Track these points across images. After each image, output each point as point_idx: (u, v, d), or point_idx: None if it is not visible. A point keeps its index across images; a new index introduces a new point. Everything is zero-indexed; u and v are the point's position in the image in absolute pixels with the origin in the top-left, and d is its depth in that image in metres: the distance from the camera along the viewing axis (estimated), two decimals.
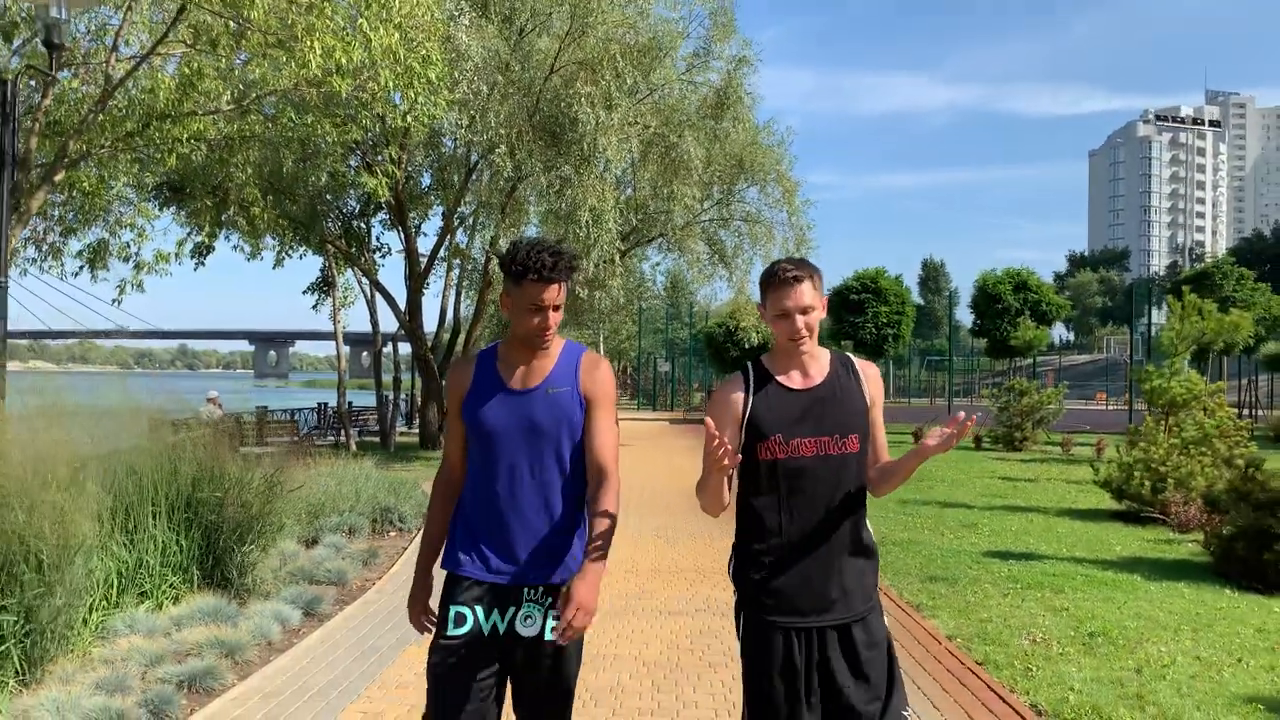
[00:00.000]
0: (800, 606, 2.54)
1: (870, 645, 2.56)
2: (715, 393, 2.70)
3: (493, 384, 2.64)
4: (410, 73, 11.90)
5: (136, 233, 14.41)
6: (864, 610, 2.58)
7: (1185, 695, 4.95)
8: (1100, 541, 9.82)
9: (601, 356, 2.76)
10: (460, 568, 2.61)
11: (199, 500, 6.66)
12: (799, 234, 19.34)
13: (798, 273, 2.57)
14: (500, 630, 2.56)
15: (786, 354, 2.63)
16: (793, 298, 2.55)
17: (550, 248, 2.54)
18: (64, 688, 4.77)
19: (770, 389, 2.62)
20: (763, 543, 2.59)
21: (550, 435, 2.60)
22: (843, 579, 2.56)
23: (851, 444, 2.59)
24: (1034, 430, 21.11)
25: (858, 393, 2.65)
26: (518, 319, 2.58)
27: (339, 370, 24.34)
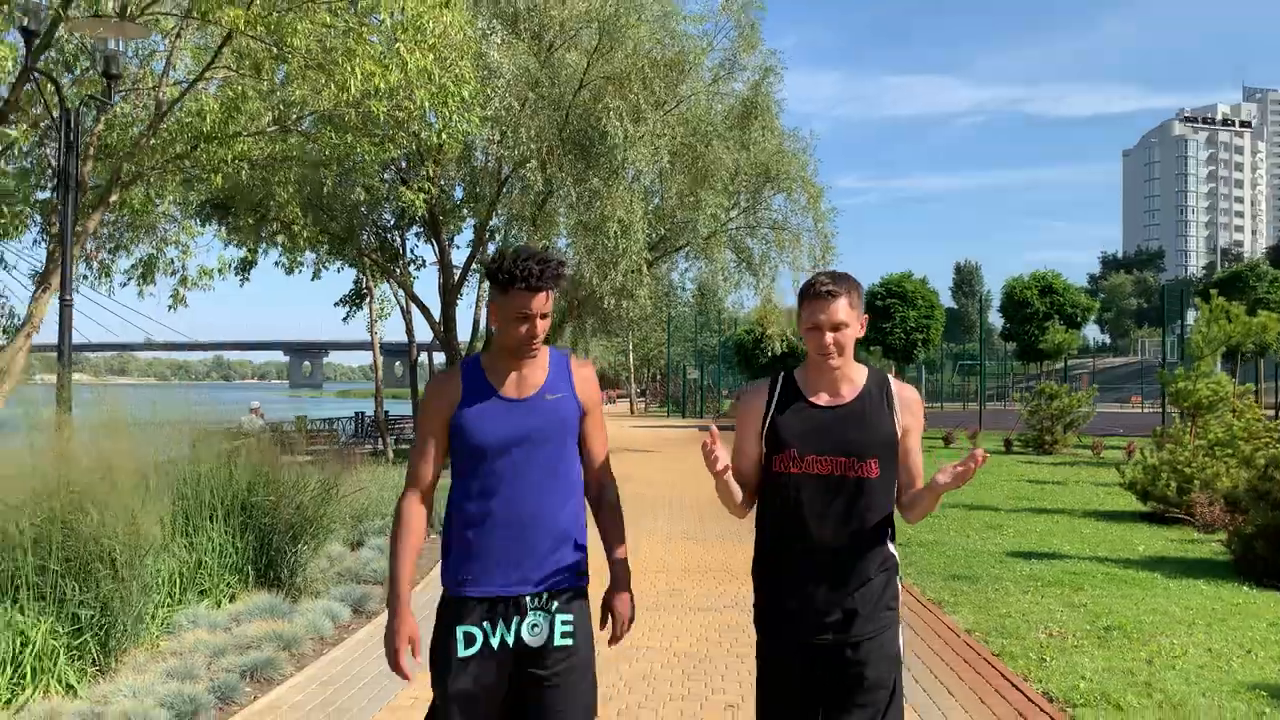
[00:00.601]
0: (805, 622, 2.54)
1: (870, 669, 2.53)
2: (741, 399, 2.74)
3: (486, 394, 2.57)
4: (444, 91, 12.31)
5: (181, 249, 14.95)
6: (870, 632, 2.54)
7: (1192, 684, 5.18)
8: (1124, 541, 9.99)
9: (585, 360, 2.78)
10: (465, 587, 2.54)
11: (253, 504, 7.07)
12: (824, 241, 19.60)
13: (834, 288, 2.52)
14: (509, 643, 2.52)
15: (817, 368, 2.60)
16: (826, 312, 2.51)
17: (537, 256, 2.51)
18: (137, 675, 5.16)
19: (793, 402, 2.60)
20: (774, 554, 2.61)
21: (551, 442, 2.58)
22: (849, 600, 2.53)
23: (870, 469, 2.53)
24: (1064, 434, 21.16)
25: (887, 416, 2.58)
26: (505, 328, 2.54)
27: (376, 380, 24.89)
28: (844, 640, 2.53)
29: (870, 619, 2.54)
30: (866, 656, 2.53)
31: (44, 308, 10.53)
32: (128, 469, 5.83)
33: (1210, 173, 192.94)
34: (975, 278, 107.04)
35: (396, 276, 22.01)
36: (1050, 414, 20.91)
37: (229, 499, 6.92)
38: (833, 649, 2.53)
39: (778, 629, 2.58)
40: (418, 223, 21.12)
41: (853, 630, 2.53)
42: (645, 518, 11.45)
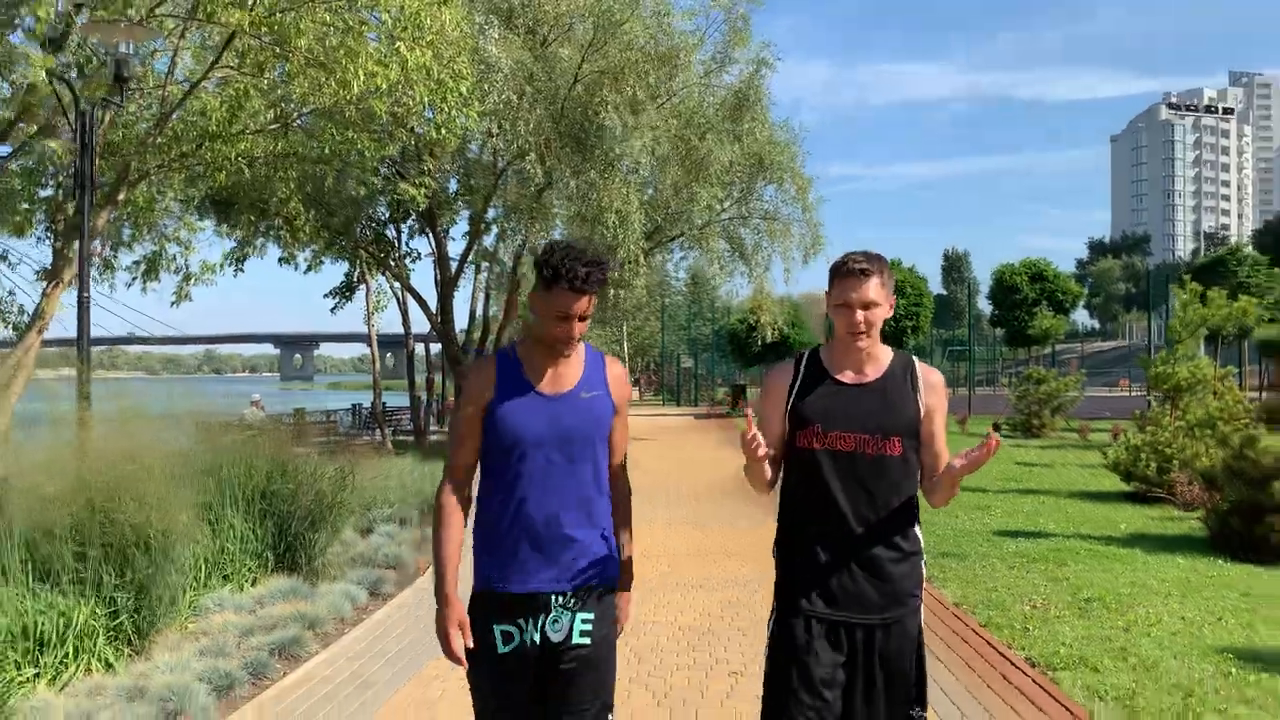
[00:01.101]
0: (826, 597, 2.54)
1: (895, 648, 2.54)
2: (766, 377, 2.75)
3: (522, 388, 2.55)
4: (443, 87, 12.56)
5: (183, 246, 15.18)
6: (895, 615, 2.55)
7: (1164, 648, 5.53)
8: (1107, 520, 10.37)
9: (617, 359, 2.79)
10: (499, 585, 2.54)
11: (272, 493, 7.37)
12: (814, 231, 19.95)
13: (867, 266, 2.53)
14: (536, 640, 2.54)
15: (844, 347, 2.60)
16: (858, 290, 2.52)
17: (585, 258, 2.48)
18: (172, 654, 5.45)
19: (817, 379, 2.62)
20: (797, 528, 2.62)
21: (586, 439, 2.58)
22: (871, 578, 2.53)
23: (893, 446, 2.54)
24: (1051, 417, 21.56)
25: (910, 398, 2.59)
26: (544, 323, 2.53)
27: (374, 372, 25.16)
28: (867, 621, 2.53)
29: (893, 601, 2.54)
30: (888, 641, 2.54)
31: (54, 303, 10.78)
32: (157, 459, 6.12)
33: (1197, 157, 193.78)
34: (963, 264, 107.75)
35: (392, 269, 22.26)
36: (1038, 398, 21.32)
37: (250, 488, 7.22)
38: (853, 628, 2.53)
39: (797, 602, 2.57)
40: (411, 215, 21.37)
41: (874, 611, 2.53)
42: (645, 504, 11.77)
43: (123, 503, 5.65)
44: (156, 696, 4.73)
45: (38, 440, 6.56)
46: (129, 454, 5.96)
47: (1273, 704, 4.60)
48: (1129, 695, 4.73)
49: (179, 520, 5.98)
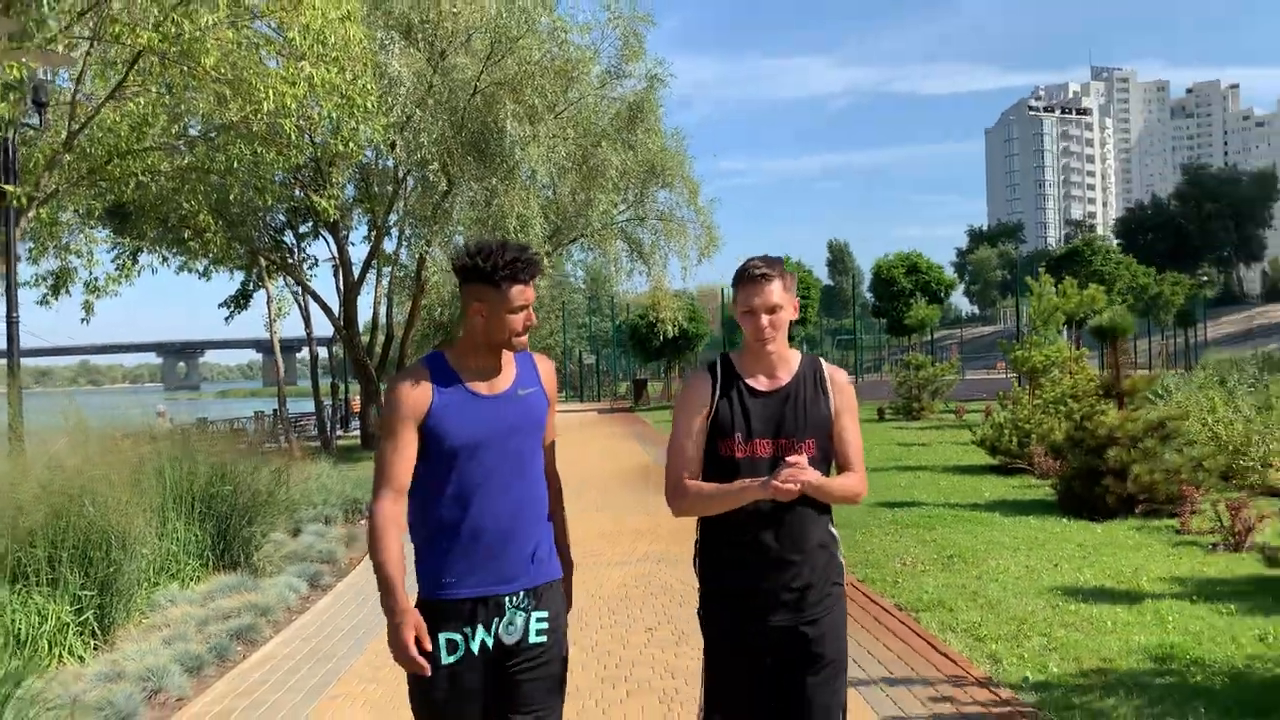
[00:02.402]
0: (754, 598, 2.58)
1: (822, 640, 2.60)
2: (683, 388, 2.75)
3: (460, 392, 2.54)
4: (349, 102, 13.02)
5: (86, 258, 15.20)
6: (822, 609, 2.61)
7: (1008, 590, 6.59)
8: (973, 490, 11.59)
9: (544, 355, 2.83)
10: (446, 591, 2.51)
11: (211, 495, 7.85)
12: (708, 231, 21.01)
13: (767, 270, 2.57)
14: (489, 645, 2.52)
15: (754, 353, 2.64)
16: (760, 295, 2.56)
17: (521, 248, 2.55)
18: (139, 644, 5.97)
19: (735, 388, 2.64)
20: (724, 539, 2.62)
21: (526, 437, 2.60)
22: (796, 577, 2.58)
23: (808, 449, 2.60)
24: (930, 400, 23.13)
25: (822, 400, 2.65)
26: (498, 323, 2.52)
27: (279, 379, 25.15)
28: (799, 619, 2.58)
29: (822, 596, 2.61)
30: (821, 633, 2.60)
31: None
32: (111, 467, 6.59)
33: (1065, 148, 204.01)
34: (846, 255, 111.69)
35: (295, 275, 22.39)
36: (917, 383, 22.84)
37: (192, 492, 7.70)
38: (788, 630, 2.58)
39: (729, 612, 2.61)
40: (307, 221, 21.57)
41: (806, 609, 2.59)
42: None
43: (84, 508, 6.13)
44: (135, 677, 5.27)
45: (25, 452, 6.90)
46: (85, 463, 6.42)
47: (1086, 625, 5.66)
48: (975, 626, 5.73)
49: (135, 522, 6.47)
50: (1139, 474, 9.35)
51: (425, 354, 2.74)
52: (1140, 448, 9.56)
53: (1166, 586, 6.52)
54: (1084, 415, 10.21)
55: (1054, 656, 5.10)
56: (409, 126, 16.39)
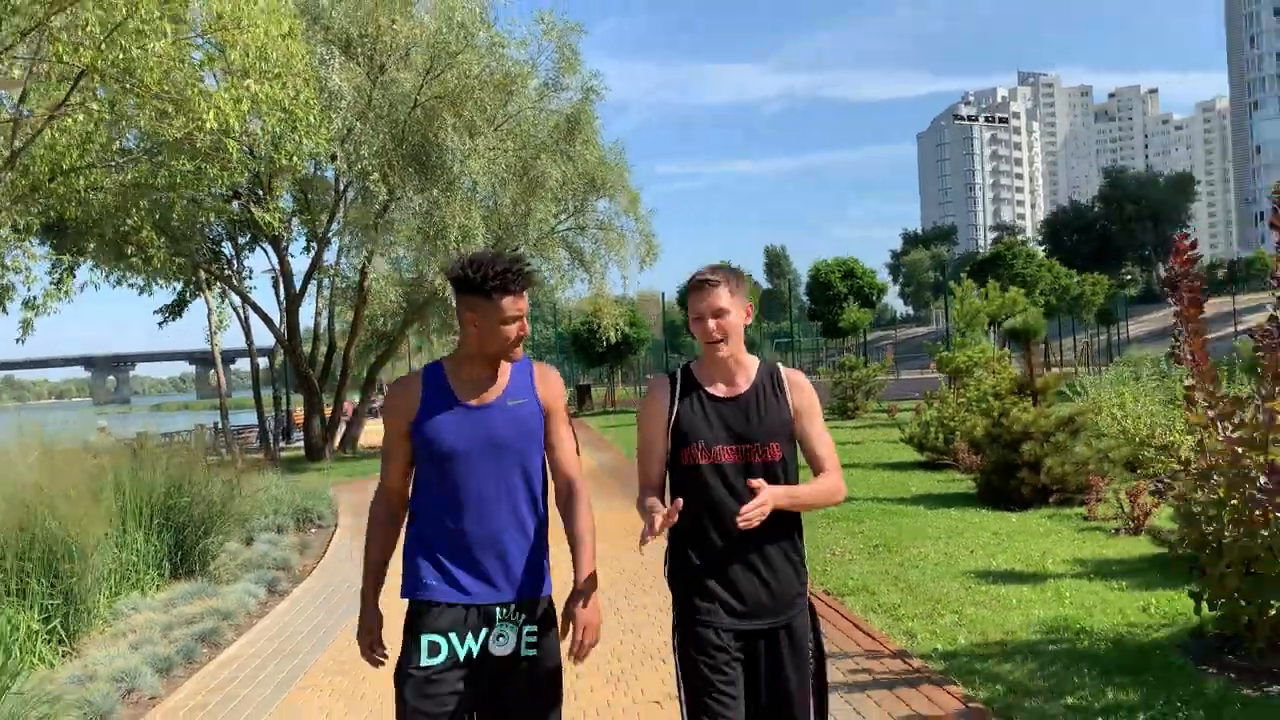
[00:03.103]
0: (725, 606, 2.59)
1: (795, 650, 2.63)
2: (644, 399, 2.79)
3: (448, 401, 2.58)
4: (292, 117, 13.24)
5: (25, 275, 15.13)
6: (787, 617, 2.64)
7: (927, 575, 7.15)
8: (901, 485, 12.22)
9: (551, 367, 2.80)
10: (429, 593, 2.53)
11: (169, 506, 8.08)
12: (647, 240, 21.53)
13: (713, 277, 2.63)
14: (475, 654, 2.51)
15: (711, 360, 2.69)
16: (706, 300, 2.62)
17: (512, 259, 2.55)
18: (106, 649, 6.22)
19: (694, 396, 2.68)
20: (691, 546, 2.64)
21: (514, 449, 2.58)
22: (763, 584, 2.60)
23: (773, 451, 2.63)
24: (864, 400, 23.91)
25: (780, 401, 2.68)
26: (491, 333, 2.53)
27: (220, 391, 25.01)
28: (776, 624, 2.62)
29: (785, 604, 2.64)
30: (795, 633, 2.64)
31: None
32: (70, 482, 6.82)
33: (994, 152, 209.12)
34: (783, 260, 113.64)
35: (235, 286, 22.35)
36: (851, 383, 23.60)
37: (150, 503, 7.92)
38: (765, 633, 2.61)
39: (697, 614, 2.62)
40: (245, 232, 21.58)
41: (768, 615, 2.61)
42: None
43: (46, 521, 6.36)
44: (108, 678, 5.54)
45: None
46: (48, 477, 6.64)
47: (994, 603, 6.22)
48: (895, 607, 6.26)
49: (95, 533, 6.71)
50: (1051, 466, 10.03)
51: (428, 363, 2.78)
52: (1052, 442, 10.25)
53: (1069, 568, 7.14)
54: (1000, 413, 10.88)
55: (963, 631, 5.64)
56: (349, 139, 16.61)
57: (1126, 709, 4.24)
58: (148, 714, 5.17)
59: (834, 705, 4.35)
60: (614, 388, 39.24)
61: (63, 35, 10.84)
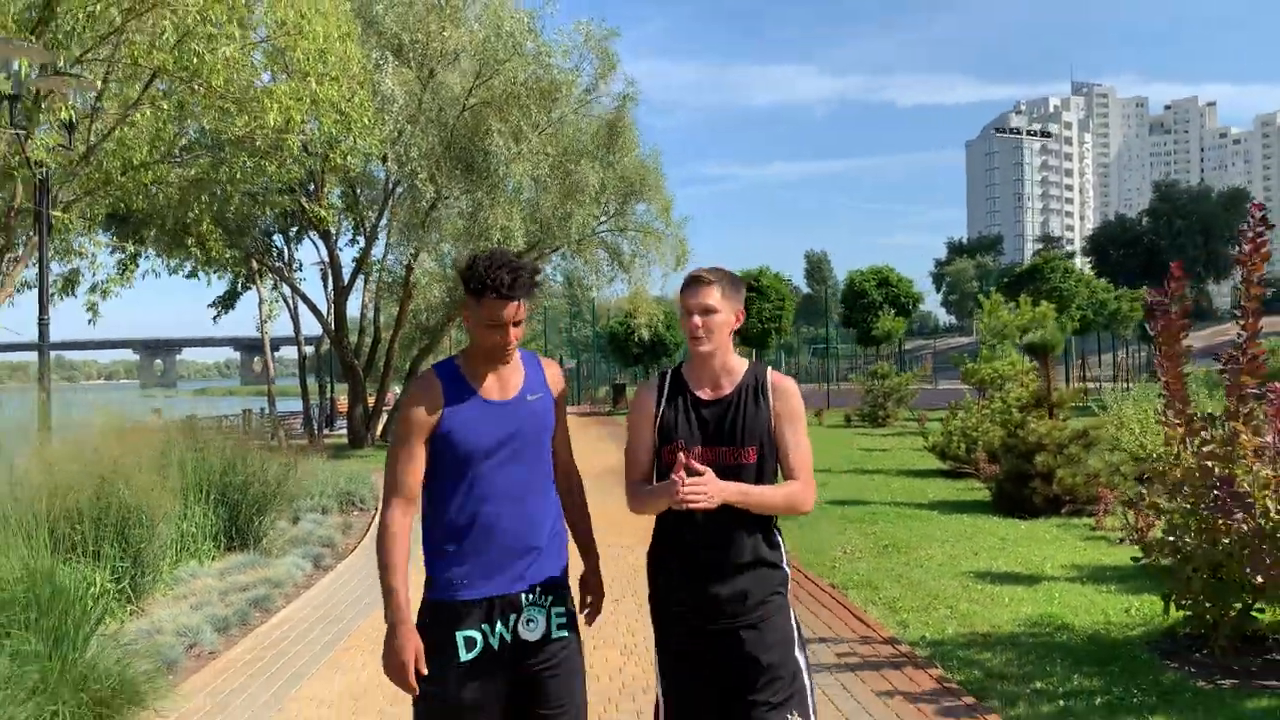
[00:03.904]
0: (695, 603, 2.64)
1: (765, 652, 2.63)
2: (634, 398, 2.85)
3: (470, 399, 2.59)
4: (347, 118, 13.92)
5: (89, 261, 16.01)
6: (760, 614, 2.65)
7: (929, 574, 7.57)
8: (919, 491, 12.60)
9: (551, 359, 2.86)
10: (459, 593, 2.55)
11: (225, 483, 8.73)
12: (680, 244, 22.11)
13: (708, 277, 2.68)
14: (508, 640, 2.55)
15: (700, 362, 2.73)
16: (696, 297, 2.66)
17: (510, 264, 2.51)
18: (168, 609, 6.85)
19: (679, 397, 2.73)
20: (667, 542, 2.71)
21: (534, 441, 2.63)
22: (738, 583, 2.63)
23: (748, 455, 2.64)
24: (895, 408, 24.18)
25: (761, 406, 2.70)
26: (478, 334, 2.56)
27: (269, 378, 25.92)
28: (735, 625, 2.63)
29: (761, 601, 2.65)
30: (760, 639, 2.64)
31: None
32: (142, 455, 7.46)
33: (1044, 162, 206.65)
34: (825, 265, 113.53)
35: (285, 277, 23.21)
36: (883, 391, 23.89)
37: (209, 480, 8.57)
38: (728, 634, 2.63)
39: (673, 616, 2.69)
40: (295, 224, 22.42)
41: (743, 614, 2.64)
42: None
43: (120, 490, 7.00)
44: (173, 632, 6.16)
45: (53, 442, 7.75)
46: (122, 450, 7.29)
47: (986, 600, 6.64)
48: (894, 601, 6.70)
49: (165, 505, 7.35)
50: (1062, 477, 10.37)
51: (438, 360, 2.81)
52: (1065, 454, 10.59)
53: (1064, 572, 7.52)
54: (1017, 424, 11.23)
55: (953, 623, 6.07)
56: (400, 141, 17.29)
57: (1087, 693, 4.67)
58: (209, 665, 5.76)
59: (822, 682, 4.84)
60: None
61: (137, 38, 11.59)
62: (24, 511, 6.27)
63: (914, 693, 4.81)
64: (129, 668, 4.99)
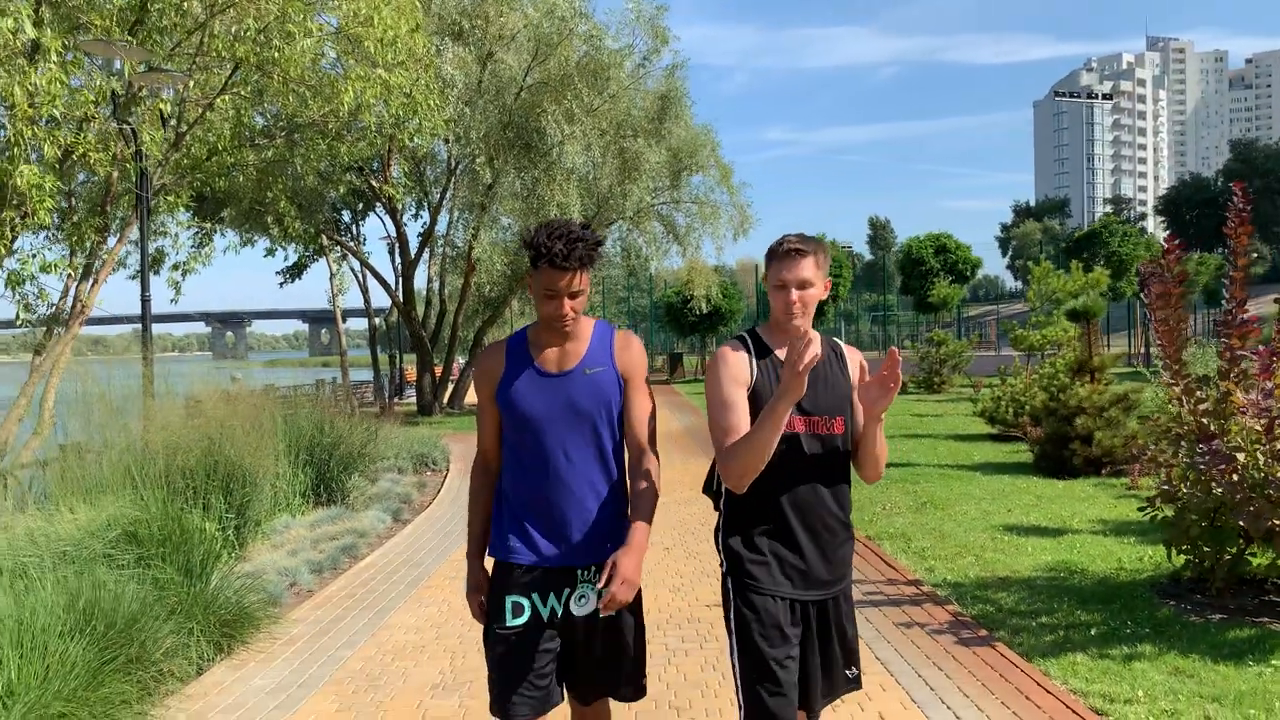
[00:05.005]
0: (786, 576, 2.59)
1: (843, 617, 2.67)
2: (718, 363, 2.67)
3: (527, 368, 2.63)
4: (414, 101, 14.66)
5: (172, 239, 17.08)
6: (842, 587, 2.67)
7: (961, 527, 8.09)
8: (965, 454, 13.03)
9: (633, 334, 2.78)
10: (512, 555, 2.61)
11: (315, 445, 9.59)
12: (741, 212, 22.50)
13: (801, 247, 2.58)
14: (558, 613, 2.59)
15: (781, 330, 2.64)
16: (792, 270, 2.56)
17: (567, 234, 2.49)
18: (269, 555, 7.70)
19: (769, 361, 2.64)
20: (752, 513, 2.61)
21: (590, 415, 2.61)
22: (822, 555, 2.61)
23: (838, 425, 2.63)
24: (950, 374, 24.43)
25: (844, 377, 2.69)
26: (538, 303, 2.56)
27: (341, 349, 27.11)
28: (822, 596, 2.63)
29: (840, 576, 2.67)
30: (845, 608, 2.68)
31: (94, 297, 12.73)
32: (244, 420, 8.32)
33: (1115, 121, 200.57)
34: (887, 231, 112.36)
35: (354, 251, 24.24)
36: (939, 358, 24.15)
37: (299, 442, 9.44)
38: (809, 604, 2.62)
39: (756, 583, 2.60)
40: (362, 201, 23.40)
41: (828, 586, 2.64)
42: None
43: (226, 450, 7.86)
44: (275, 573, 6.98)
45: (161, 407, 8.66)
46: (229, 414, 8.16)
47: (1011, 550, 7.16)
48: (924, 550, 7.26)
49: (266, 464, 8.21)
50: (1101, 439, 10.75)
51: (515, 330, 2.83)
52: (1105, 416, 10.96)
53: (1090, 526, 7.99)
54: (1060, 388, 11.60)
55: (975, 568, 6.61)
56: (459, 122, 18.04)
57: (1086, 626, 5.21)
58: (309, 600, 6.58)
59: None
60: (705, 357, 40.36)
61: (221, 32, 12.41)
62: (147, 467, 7.15)
63: (930, 625, 5.39)
64: (245, 597, 5.81)
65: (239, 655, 5.33)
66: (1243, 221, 4.93)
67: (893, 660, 4.83)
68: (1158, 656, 4.69)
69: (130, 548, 5.59)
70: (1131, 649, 4.82)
